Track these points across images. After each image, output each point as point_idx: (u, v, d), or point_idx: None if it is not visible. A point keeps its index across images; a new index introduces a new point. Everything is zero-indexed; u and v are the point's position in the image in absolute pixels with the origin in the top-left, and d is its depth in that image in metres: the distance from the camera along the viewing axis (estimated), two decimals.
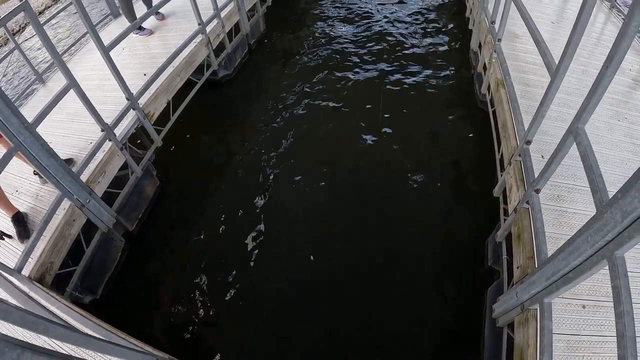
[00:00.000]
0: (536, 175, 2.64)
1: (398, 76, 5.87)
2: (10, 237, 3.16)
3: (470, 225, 3.90)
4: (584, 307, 2.30)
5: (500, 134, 3.74)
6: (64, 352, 2.34)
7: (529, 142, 2.98)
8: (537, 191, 2.60)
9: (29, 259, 2.94)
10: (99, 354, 2.14)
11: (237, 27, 6.13)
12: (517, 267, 2.64)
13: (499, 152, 3.90)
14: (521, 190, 2.94)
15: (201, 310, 3.57)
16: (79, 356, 2.32)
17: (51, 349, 2.05)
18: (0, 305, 1.21)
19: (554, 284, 1.91)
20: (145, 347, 2.43)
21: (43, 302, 2.70)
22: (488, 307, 3.10)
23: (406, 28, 6.97)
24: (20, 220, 3.16)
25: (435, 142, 4.80)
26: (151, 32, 5.46)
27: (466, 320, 3.27)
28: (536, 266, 2.38)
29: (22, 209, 3.33)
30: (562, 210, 2.75)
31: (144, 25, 5.46)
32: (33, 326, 1.36)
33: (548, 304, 2.08)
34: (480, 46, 5.28)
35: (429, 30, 6.88)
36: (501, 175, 3.53)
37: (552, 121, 3.37)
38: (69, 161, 3.53)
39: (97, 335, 2.39)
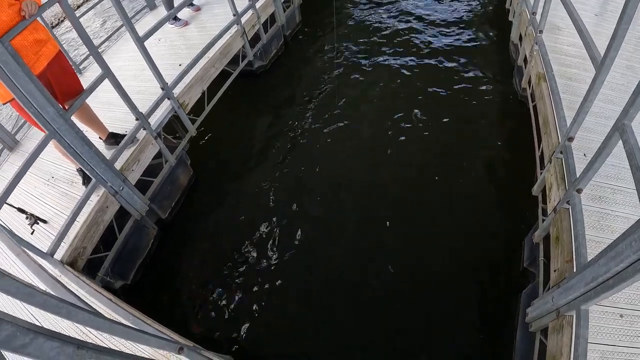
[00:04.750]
0: (578, 174, 2.50)
1: (434, 67, 5.72)
2: (45, 221, 3.27)
3: (507, 224, 3.74)
4: (621, 316, 2.16)
5: (540, 130, 3.56)
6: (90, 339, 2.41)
7: (571, 139, 2.82)
8: (579, 191, 2.46)
9: (62, 244, 3.04)
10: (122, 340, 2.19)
11: (272, 18, 6.11)
12: (555, 271, 2.51)
13: (539, 148, 3.72)
14: (562, 189, 2.79)
15: (231, 299, 3.59)
16: (104, 341, 2.38)
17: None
18: (24, 288, 1.23)
19: (592, 290, 1.79)
20: (171, 335, 2.46)
21: (73, 285, 2.77)
22: (521, 311, 2.97)
23: (444, 19, 6.76)
24: (115, 136, 3.75)
25: (472, 136, 4.63)
26: (186, 23, 5.53)
27: (498, 323, 3.15)
28: (574, 270, 2.25)
29: (57, 195, 3.48)
30: (605, 212, 2.59)
31: (180, 16, 5.53)
32: (56, 310, 1.37)
33: (585, 311, 1.96)
34: (520, 38, 5.06)
35: (467, 21, 6.64)
36: (541, 173, 3.37)
37: (595, 117, 3.18)
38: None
39: (123, 321, 2.45)
